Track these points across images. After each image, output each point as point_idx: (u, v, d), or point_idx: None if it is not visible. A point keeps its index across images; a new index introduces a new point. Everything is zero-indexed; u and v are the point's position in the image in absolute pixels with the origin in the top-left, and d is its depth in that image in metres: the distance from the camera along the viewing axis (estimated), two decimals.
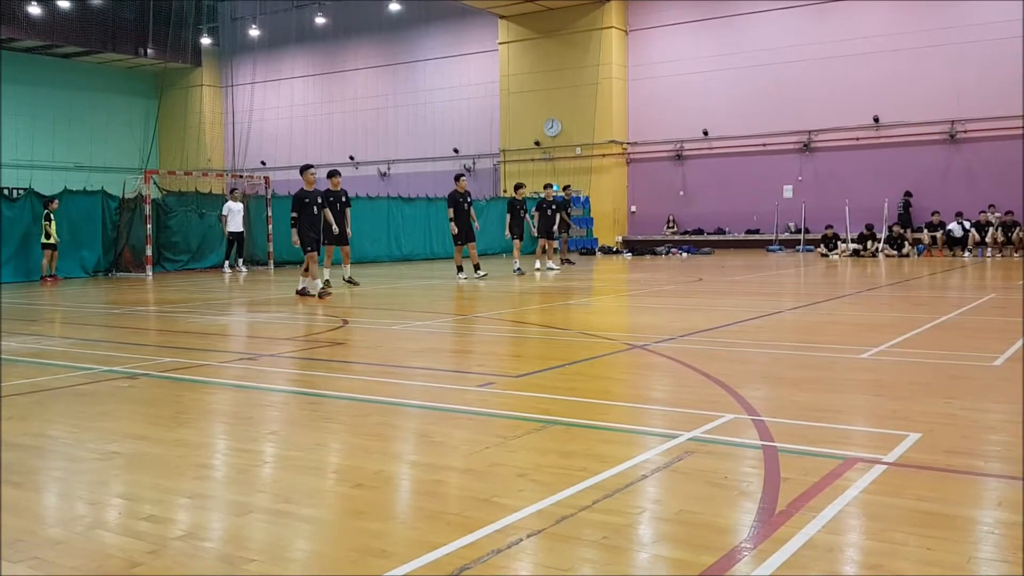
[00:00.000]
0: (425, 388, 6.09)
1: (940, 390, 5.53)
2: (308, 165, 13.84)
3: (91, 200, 20.58)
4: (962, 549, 2.89)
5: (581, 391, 5.77)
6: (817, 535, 2.98)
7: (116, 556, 2.93)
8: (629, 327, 9.75)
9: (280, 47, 41.35)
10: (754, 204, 29.75)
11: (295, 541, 3.09)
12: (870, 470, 3.72)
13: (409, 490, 3.74)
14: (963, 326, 8.96)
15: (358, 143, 39.16)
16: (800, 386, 5.85)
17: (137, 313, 11.84)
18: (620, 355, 7.29)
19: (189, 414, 5.29)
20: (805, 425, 4.61)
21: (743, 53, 29.70)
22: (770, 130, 29.28)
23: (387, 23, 37.92)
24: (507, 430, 4.58)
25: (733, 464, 3.90)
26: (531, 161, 33.62)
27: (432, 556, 2.84)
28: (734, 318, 9.71)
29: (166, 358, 7.48)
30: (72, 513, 3.45)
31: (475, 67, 35.93)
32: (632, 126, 32.35)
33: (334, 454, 4.31)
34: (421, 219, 27.82)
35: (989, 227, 24.00)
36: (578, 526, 3.10)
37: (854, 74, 27.74)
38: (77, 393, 5.93)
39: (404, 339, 8.66)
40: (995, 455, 4.01)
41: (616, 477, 3.68)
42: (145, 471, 3.99)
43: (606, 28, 31.70)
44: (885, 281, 15.27)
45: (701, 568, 2.73)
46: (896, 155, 27.18)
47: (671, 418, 4.95)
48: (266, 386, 6.21)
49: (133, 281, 18.90)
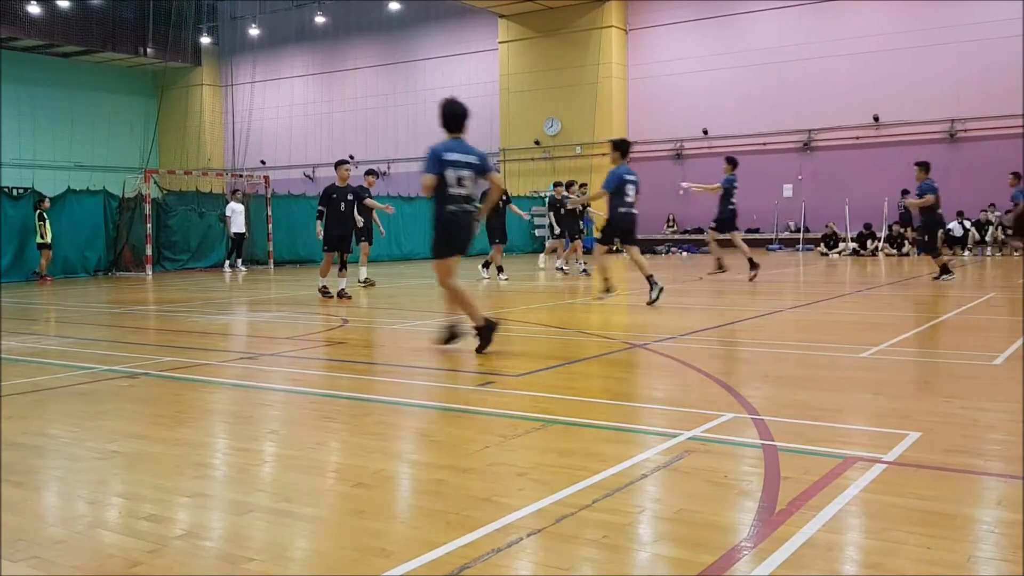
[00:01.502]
0: (425, 387, 6.09)
1: (940, 389, 5.54)
2: (343, 160, 13.39)
3: (94, 200, 20.62)
4: (962, 548, 2.89)
5: (581, 390, 5.77)
6: (817, 534, 2.98)
7: (116, 555, 2.93)
8: (629, 326, 9.74)
9: (280, 46, 41.34)
10: (754, 203, 29.68)
11: (295, 540, 3.09)
12: (870, 469, 3.72)
13: (409, 489, 3.74)
14: (963, 325, 8.96)
15: (358, 142, 39.14)
16: (800, 385, 5.85)
17: (137, 312, 11.84)
18: (620, 354, 7.29)
19: (189, 413, 5.29)
20: (805, 424, 4.61)
21: (743, 52, 29.70)
22: (770, 129, 29.29)
23: (387, 22, 37.92)
24: (507, 429, 4.58)
25: (733, 463, 3.91)
26: (531, 160, 33.62)
27: (432, 555, 2.84)
28: (734, 317, 9.71)
29: (166, 357, 7.48)
30: (72, 512, 3.45)
31: (475, 66, 35.92)
32: (632, 125, 32.34)
33: (334, 453, 4.31)
34: (421, 218, 27.82)
35: (989, 226, 24.00)
36: (578, 525, 3.10)
37: (854, 73, 27.74)
38: (77, 392, 5.93)
39: (404, 338, 8.66)
40: (995, 454, 4.01)
41: (616, 476, 3.68)
42: (145, 470, 3.99)
43: (606, 27, 31.70)
44: (885, 280, 15.27)
45: (701, 567, 2.73)
46: (896, 154, 27.16)
47: (671, 417, 4.95)
48: (266, 385, 6.21)
49: (133, 280, 18.90)
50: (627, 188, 11.30)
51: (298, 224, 24.30)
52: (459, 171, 7.19)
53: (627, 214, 11.34)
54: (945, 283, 13.85)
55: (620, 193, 11.30)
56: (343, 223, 13.04)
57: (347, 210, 13.06)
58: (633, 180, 11.37)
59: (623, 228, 11.46)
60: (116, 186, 21.53)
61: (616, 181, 11.28)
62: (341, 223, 13.01)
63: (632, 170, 11.56)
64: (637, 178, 11.51)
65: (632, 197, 11.36)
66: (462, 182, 7.22)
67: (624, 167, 11.44)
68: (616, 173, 11.33)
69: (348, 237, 13.23)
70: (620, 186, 11.28)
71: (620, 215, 11.34)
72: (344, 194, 13.02)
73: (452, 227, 7.29)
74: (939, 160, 26.80)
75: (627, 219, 11.37)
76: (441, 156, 7.17)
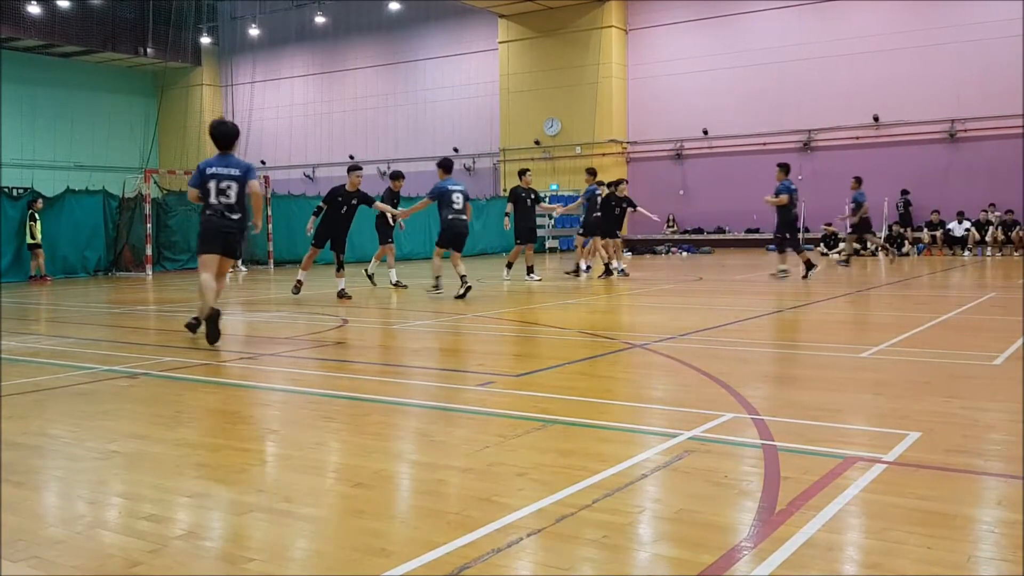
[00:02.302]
0: (425, 387, 6.09)
1: (940, 389, 5.54)
2: (358, 167, 13.42)
3: (93, 200, 20.62)
4: (962, 548, 2.89)
5: (581, 390, 5.77)
6: (817, 534, 2.98)
7: (116, 555, 2.93)
8: (629, 326, 9.75)
9: (280, 46, 41.34)
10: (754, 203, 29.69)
11: (295, 540, 3.09)
12: (870, 469, 3.72)
13: (409, 489, 3.74)
14: (963, 325, 8.96)
15: (358, 142, 39.13)
16: (800, 385, 5.85)
17: (137, 312, 11.84)
18: (620, 354, 7.29)
19: (189, 413, 5.29)
20: (805, 424, 4.61)
21: (743, 52, 29.69)
22: (770, 129, 29.28)
23: (387, 22, 37.92)
24: (507, 429, 4.59)
25: (733, 463, 3.91)
26: (531, 160, 33.61)
27: (432, 555, 2.84)
28: (734, 317, 9.71)
29: (166, 357, 7.48)
30: (72, 512, 3.45)
31: (475, 66, 35.92)
32: (632, 125, 32.34)
33: (334, 453, 4.31)
34: (422, 219, 27.79)
35: (989, 226, 24.01)
36: (578, 525, 3.10)
37: (854, 73, 27.73)
38: (77, 392, 5.93)
39: (404, 338, 8.66)
40: (995, 454, 4.01)
41: (616, 476, 3.68)
42: (145, 470, 3.99)
43: (606, 27, 31.69)
44: (885, 280, 15.27)
45: (701, 567, 2.73)
46: (896, 154, 27.17)
47: (671, 417, 4.95)
48: (266, 385, 6.21)
49: (133, 280, 18.90)
50: (454, 197, 12.74)
51: (298, 224, 24.25)
52: (221, 182, 8.23)
53: (456, 220, 12.74)
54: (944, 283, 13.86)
55: (448, 203, 12.73)
56: (338, 225, 13.10)
57: (348, 213, 13.09)
58: (460, 190, 12.90)
59: (453, 232, 12.80)
60: (116, 186, 21.53)
61: (439, 191, 12.77)
62: (336, 225, 13.07)
63: (458, 181, 13.17)
64: (464, 188, 13.11)
65: (460, 204, 12.78)
66: (225, 192, 8.22)
67: (450, 180, 12.94)
68: (441, 185, 12.79)
69: (340, 239, 13.24)
70: (445, 196, 12.73)
71: (450, 221, 12.75)
72: (350, 199, 13.03)
73: (209, 230, 8.31)
74: (939, 160, 26.85)
75: (457, 224, 12.76)
76: (204, 170, 8.32)
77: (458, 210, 12.69)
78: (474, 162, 35.41)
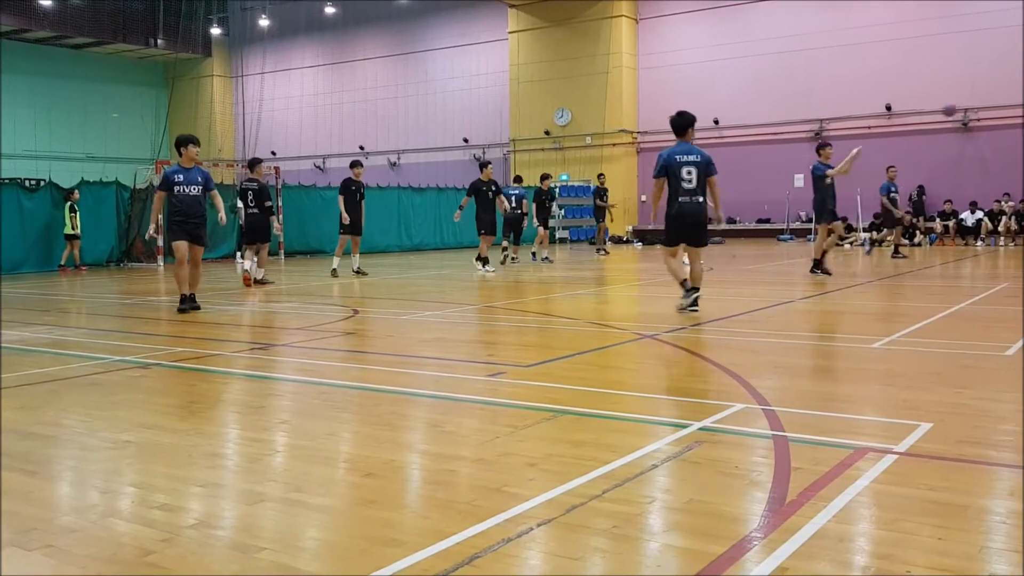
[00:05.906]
0: (435, 377, 6.10)
1: (951, 380, 5.51)
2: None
3: (106, 191, 20.75)
4: (973, 539, 2.89)
5: (591, 381, 5.77)
6: (828, 525, 2.97)
7: (129, 544, 2.95)
8: (639, 317, 9.74)
9: (290, 37, 41.35)
10: (765, 193, 29.65)
11: (306, 530, 3.10)
12: (881, 460, 3.71)
13: (420, 479, 3.76)
14: (975, 316, 8.91)
15: (368, 133, 39.16)
16: (811, 376, 5.84)
17: (149, 303, 11.90)
18: (630, 345, 7.29)
19: (201, 403, 5.32)
20: (816, 415, 4.60)
21: (754, 41, 29.55)
22: (781, 119, 29.15)
23: (396, 13, 37.87)
24: (517, 419, 4.59)
25: (743, 454, 3.90)
26: (541, 151, 33.56)
27: (443, 545, 2.85)
28: (744, 307, 9.68)
29: (178, 348, 7.51)
30: (85, 501, 3.47)
31: (485, 56, 35.85)
32: (642, 115, 32.25)
33: (345, 443, 4.33)
34: (431, 209, 27.85)
35: (1002, 216, 23.86)
36: (588, 515, 3.11)
37: (866, 62, 27.56)
38: (90, 382, 5.97)
39: (414, 329, 8.67)
40: (1006, 445, 4.00)
41: (626, 466, 3.69)
42: (158, 460, 4.01)
43: (616, 17, 31.57)
44: (896, 270, 15.20)
45: (711, 557, 2.73)
46: (908, 144, 27.01)
47: (681, 407, 4.94)
48: (277, 376, 6.24)
49: (144, 271, 18.99)
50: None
51: (309, 215, 24.33)
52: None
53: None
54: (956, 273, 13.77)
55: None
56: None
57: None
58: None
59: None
60: (128, 177, 21.61)
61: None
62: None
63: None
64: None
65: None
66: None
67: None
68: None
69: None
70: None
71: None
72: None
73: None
74: (952, 150, 26.69)
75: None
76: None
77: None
78: (484, 152, 35.38)
